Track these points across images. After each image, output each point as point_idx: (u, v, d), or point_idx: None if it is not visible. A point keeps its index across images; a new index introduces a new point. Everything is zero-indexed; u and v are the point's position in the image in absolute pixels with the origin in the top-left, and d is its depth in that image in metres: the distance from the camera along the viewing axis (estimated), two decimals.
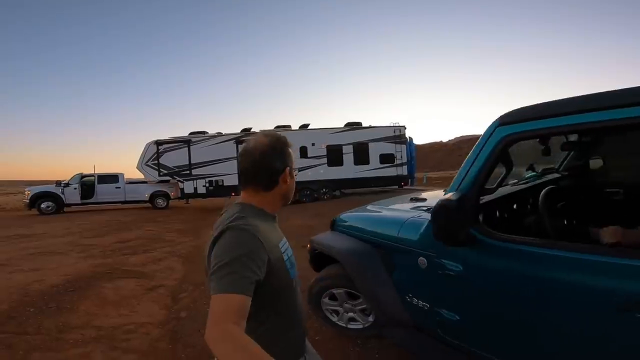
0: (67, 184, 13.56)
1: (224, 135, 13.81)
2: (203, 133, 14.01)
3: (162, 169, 13.57)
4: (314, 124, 14.71)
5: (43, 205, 13.06)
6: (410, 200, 2.49)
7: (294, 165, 1.00)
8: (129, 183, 14.56)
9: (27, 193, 13.44)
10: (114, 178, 14.26)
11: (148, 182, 14.21)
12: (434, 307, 1.66)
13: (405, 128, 14.42)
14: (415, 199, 2.47)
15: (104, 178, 14.09)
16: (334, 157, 13.93)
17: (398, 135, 14.24)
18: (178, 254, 5.80)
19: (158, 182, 13.96)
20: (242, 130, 13.86)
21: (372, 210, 2.51)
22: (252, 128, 14.05)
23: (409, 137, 14.66)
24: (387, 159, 14.12)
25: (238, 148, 13.11)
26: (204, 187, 13.69)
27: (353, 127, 14.35)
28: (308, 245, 2.63)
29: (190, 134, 13.87)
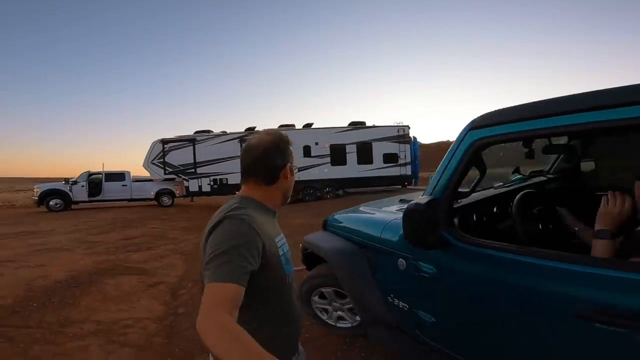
0: (75, 182, 13.79)
1: (229, 135, 13.94)
2: (208, 132, 14.16)
3: (167, 167, 13.78)
4: (318, 123, 14.77)
5: (51, 203, 13.29)
6: (399, 202, 2.51)
7: (295, 164, 1.03)
8: (136, 181, 14.75)
9: (36, 190, 13.70)
10: (121, 176, 14.44)
11: (154, 180, 14.42)
12: (412, 308, 1.69)
13: (409, 128, 14.38)
14: (404, 201, 2.49)
15: (111, 176, 14.28)
16: (338, 156, 13.95)
17: (402, 135, 14.21)
18: (180, 252, 5.90)
19: (164, 180, 14.15)
20: (246, 129, 13.94)
21: (362, 211, 2.53)
22: (256, 127, 14.14)
23: (413, 136, 14.61)
24: (390, 159, 14.11)
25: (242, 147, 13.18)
26: (209, 185, 13.86)
27: (357, 126, 14.36)
28: (301, 245, 2.67)
29: (196, 133, 14.03)
